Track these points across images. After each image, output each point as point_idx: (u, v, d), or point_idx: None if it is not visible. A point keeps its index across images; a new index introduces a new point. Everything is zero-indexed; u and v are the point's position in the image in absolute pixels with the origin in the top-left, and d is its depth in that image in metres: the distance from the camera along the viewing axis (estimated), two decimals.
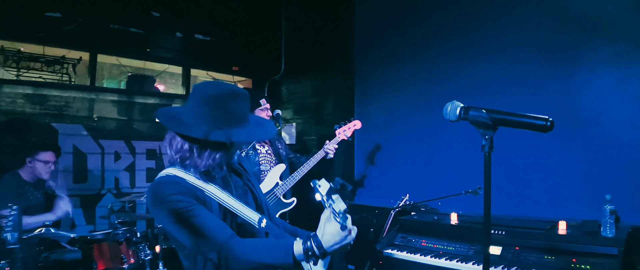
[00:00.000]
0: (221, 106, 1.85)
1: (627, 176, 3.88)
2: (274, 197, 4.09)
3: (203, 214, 1.83)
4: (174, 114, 1.96)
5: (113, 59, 5.98)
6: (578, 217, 3.80)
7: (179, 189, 1.84)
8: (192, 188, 1.87)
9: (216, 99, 1.85)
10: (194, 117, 1.84)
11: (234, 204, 1.93)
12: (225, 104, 1.86)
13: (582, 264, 3.31)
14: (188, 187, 1.86)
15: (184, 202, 1.82)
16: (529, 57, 4.40)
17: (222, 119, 1.84)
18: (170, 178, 1.89)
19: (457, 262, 3.68)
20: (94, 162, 5.24)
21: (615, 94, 3.99)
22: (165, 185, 1.86)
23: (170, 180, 1.88)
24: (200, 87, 1.92)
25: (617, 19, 3.98)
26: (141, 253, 4.30)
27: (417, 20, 5.23)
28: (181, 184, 1.86)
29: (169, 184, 1.86)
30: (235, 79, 6.75)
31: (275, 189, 4.10)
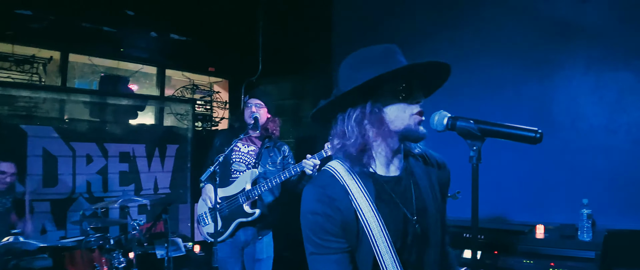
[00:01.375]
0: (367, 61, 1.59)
1: (603, 180, 3.95)
2: (237, 203, 3.90)
3: (321, 254, 1.51)
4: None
5: (85, 59, 5.83)
6: (556, 221, 3.85)
7: (322, 206, 1.50)
8: (340, 206, 1.50)
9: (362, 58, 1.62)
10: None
11: (379, 240, 1.49)
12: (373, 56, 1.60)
13: (560, 267, 3.36)
14: (330, 196, 1.51)
15: (317, 233, 1.50)
16: (507, 62, 4.44)
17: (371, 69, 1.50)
18: (319, 175, 1.62)
19: None
20: (64, 165, 5.09)
21: (591, 100, 4.06)
22: (311, 190, 1.55)
23: (319, 182, 1.58)
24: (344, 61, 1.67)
25: (594, 25, 4.04)
26: (114, 261, 4.18)
27: (395, 24, 5.23)
28: (331, 193, 1.51)
29: (311, 187, 1.56)
30: (212, 79, 6.66)
31: (239, 194, 3.91)
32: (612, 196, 3.89)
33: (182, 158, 5.94)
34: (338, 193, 1.51)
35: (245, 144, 4.07)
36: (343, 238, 1.50)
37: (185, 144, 5.98)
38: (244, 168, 3.98)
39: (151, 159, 5.70)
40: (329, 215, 1.49)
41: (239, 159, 4.01)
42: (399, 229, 1.55)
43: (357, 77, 1.50)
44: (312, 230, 1.51)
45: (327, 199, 1.50)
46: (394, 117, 1.54)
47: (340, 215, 1.49)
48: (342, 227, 1.49)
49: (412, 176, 1.65)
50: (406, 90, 1.55)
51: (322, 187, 1.54)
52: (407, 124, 1.55)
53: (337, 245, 1.50)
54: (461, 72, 4.65)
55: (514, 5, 4.42)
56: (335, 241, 1.50)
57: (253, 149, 4.06)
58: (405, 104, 1.54)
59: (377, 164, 1.60)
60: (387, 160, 1.61)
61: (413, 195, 1.60)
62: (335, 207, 1.49)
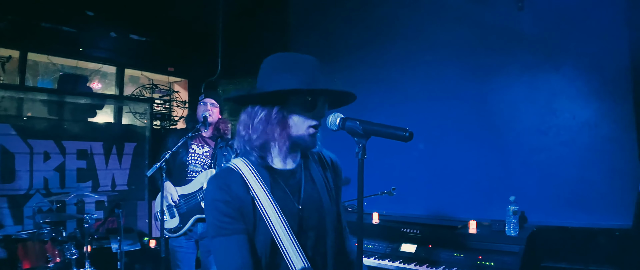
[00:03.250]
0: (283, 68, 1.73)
1: (535, 178, 4.16)
2: (194, 201, 4.05)
3: (223, 236, 1.64)
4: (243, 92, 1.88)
5: (44, 58, 5.88)
6: (490, 217, 4.05)
7: (221, 193, 1.66)
8: (235, 187, 1.67)
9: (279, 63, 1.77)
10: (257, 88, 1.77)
11: (277, 225, 1.66)
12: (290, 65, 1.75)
13: (486, 260, 3.55)
14: (230, 187, 1.66)
15: (217, 216, 1.64)
16: (450, 66, 4.63)
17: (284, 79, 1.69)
18: (223, 171, 1.75)
19: (374, 259, 3.87)
20: (22, 162, 5.15)
21: (524, 102, 4.27)
22: (213, 181, 1.71)
23: (220, 174, 1.73)
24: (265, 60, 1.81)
25: (529, 32, 4.25)
26: (67, 252, 4.29)
27: (348, 29, 5.41)
28: (230, 182, 1.68)
29: (216, 180, 1.71)
30: (171, 79, 6.74)
31: (197, 192, 4.07)
32: (542, 194, 4.12)
33: (139, 156, 6.02)
34: (236, 181, 1.68)
35: (200, 145, 4.20)
36: (241, 221, 1.65)
37: (143, 142, 6.07)
38: (199, 168, 4.12)
39: (109, 156, 5.78)
40: (227, 200, 1.64)
41: (194, 160, 4.15)
42: (294, 215, 1.73)
43: (271, 80, 1.71)
44: (214, 215, 1.66)
45: (225, 187, 1.66)
46: (294, 124, 1.73)
47: (238, 201, 1.65)
48: (239, 211, 1.65)
49: (306, 171, 1.86)
50: (311, 104, 1.73)
51: (222, 177, 1.71)
52: (302, 134, 1.74)
53: (236, 227, 1.64)
54: (405, 74, 4.87)
55: (455, 11, 4.61)
56: (234, 223, 1.64)
57: (208, 150, 4.19)
58: (306, 116, 1.73)
59: (274, 159, 1.79)
60: (284, 156, 1.80)
61: (302, 188, 1.80)
62: (234, 194, 1.65)
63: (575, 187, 4.01)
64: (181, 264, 4.11)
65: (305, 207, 1.77)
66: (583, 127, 4.04)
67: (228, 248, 1.64)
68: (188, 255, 4.15)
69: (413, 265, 3.69)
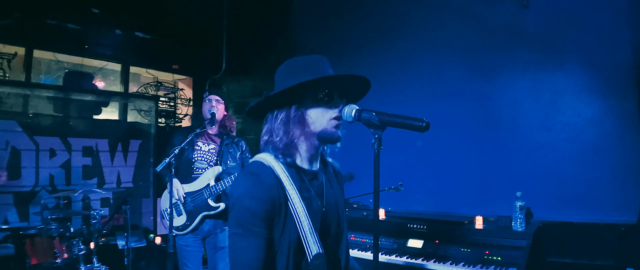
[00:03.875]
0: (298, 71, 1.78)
1: (540, 175, 4.19)
2: (201, 198, 4.07)
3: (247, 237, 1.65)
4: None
5: (50, 55, 5.89)
6: (495, 213, 4.06)
7: (255, 183, 1.67)
8: (272, 185, 1.69)
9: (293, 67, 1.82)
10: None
11: (302, 217, 1.70)
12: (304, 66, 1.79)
13: (493, 255, 3.57)
14: (268, 183, 1.68)
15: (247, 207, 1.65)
16: (453, 62, 4.67)
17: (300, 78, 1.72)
18: (252, 165, 1.77)
19: (381, 255, 3.88)
20: (28, 159, 5.17)
21: (528, 100, 4.30)
22: (244, 175, 1.73)
23: (251, 168, 1.75)
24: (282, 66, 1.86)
25: (533, 30, 4.28)
26: (75, 248, 4.31)
27: (352, 26, 5.44)
28: (262, 176, 1.69)
29: (248, 175, 1.72)
30: (176, 77, 6.75)
31: (204, 189, 4.08)
32: (547, 191, 4.15)
33: (144, 153, 6.03)
34: (271, 180, 1.69)
35: (206, 142, 4.21)
36: (268, 226, 1.67)
37: (148, 139, 6.08)
38: (205, 165, 4.13)
39: (114, 153, 5.79)
40: (263, 199, 1.65)
41: (200, 158, 4.16)
42: (318, 215, 1.78)
43: (285, 83, 1.74)
44: (242, 211, 1.66)
45: (261, 185, 1.67)
46: (314, 119, 1.76)
47: (272, 199, 1.66)
48: (271, 211, 1.66)
49: (325, 174, 1.92)
50: (327, 97, 1.77)
51: (255, 174, 1.70)
52: (324, 127, 1.77)
53: (261, 231, 1.65)
54: (409, 71, 4.89)
55: (460, 9, 4.64)
56: (260, 225, 1.65)
57: (213, 147, 4.20)
58: (324, 108, 1.77)
59: (300, 159, 1.81)
60: (309, 157, 1.82)
61: (324, 190, 1.85)
62: (267, 191, 1.66)
63: (580, 183, 4.05)
64: (188, 262, 4.13)
65: (328, 209, 1.83)
66: (587, 124, 4.07)
67: (248, 248, 1.65)
68: (195, 254, 4.17)
69: (420, 260, 3.71)
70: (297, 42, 5.97)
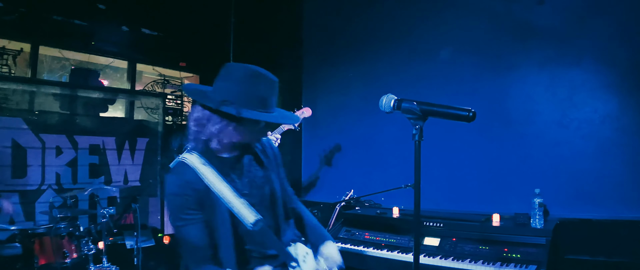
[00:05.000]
0: (243, 83, 1.87)
1: (556, 172, 4.14)
2: None
3: (187, 225, 1.90)
4: (200, 88, 2.07)
5: (56, 51, 5.82)
6: (511, 211, 4.01)
7: (178, 183, 1.90)
8: (192, 180, 1.90)
9: (242, 76, 1.89)
10: (214, 91, 1.91)
11: (230, 198, 1.91)
12: (249, 82, 1.88)
13: (513, 253, 3.53)
14: (187, 180, 1.89)
15: (177, 203, 1.90)
16: (467, 59, 4.62)
17: (242, 96, 1.85)
18: (176, 166, 1.96)
19: (397, 253, 3.83)
20: (34, 157, 5.08)
21: (544, 96, 4.24)
22: (170, 176, 1.95)
23: (175, 169, 1.96)
24: (231, 65, 1.97)
25: (548, 25, 4.23)
26: (84, 247, 4.25)
27: (363, 22, 5.39)
28: (183, 174, 1.90)
29: (172, 176, 1.94)
30: (182, 74, 6.69)
31: None
32: (565, 188, 4.09)
33: (152, 151, 5.96)
34: (191, 176, 1.90)
35: None
36: (200, 211, 1.92)
37: (156, 137, 6.01)
38: None
39: (121, 151, 5.72)
40: (187, 194, 1.89)
41: None
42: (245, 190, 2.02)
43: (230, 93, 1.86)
44: (177, 208, 1.91)
45: (184, 183, 1.90)
46: (243, 136, 1.97)
47: (196, 193, 1.90)
48: (198, 202, 1.90)
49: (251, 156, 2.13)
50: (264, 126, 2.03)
51: (179, 174, 1.93)
52: (250, 140, 2.06)
53: (197, 217, 1.91)
54: (422, 67, 4.85)
55: (474, 4, 4.59)
56: (195, 213, 1.91)
57: None
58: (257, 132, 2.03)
59: (223, 150, 2.01)
60: (230, 148, 2.02)
61: (245, 170, 2.07)
62: (191, 188, 1.89)
63: (597, 180, 3.99)
64: None
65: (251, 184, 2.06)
66: (604, 120, 4.02)
67: (193, 234, 1.91)
68: None
69: (438, 258, 3.66)
70: (307, 39, 5.91)
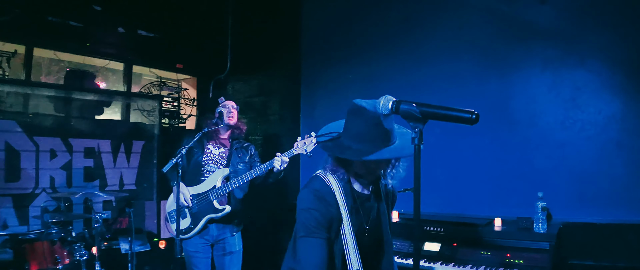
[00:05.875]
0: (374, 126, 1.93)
1: (559, 175, 4.07)
2: (207, 201, 3.97)
3: (314, 241, 2.04)
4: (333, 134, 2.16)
5: (51, 53, 5.74)
6: (514, 214, 3.96)
7: (319, 204, 2.06)
8: (330, 203, 2.07)
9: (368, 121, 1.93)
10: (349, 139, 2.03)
11: (348, 234, 2.08)
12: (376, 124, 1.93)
13: (515, 258, 3.46)
14: (327, 202, 2.07)
15: (311, 221, 2.04)
16: (469, 60, 4.56)
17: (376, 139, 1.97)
18: (316, 183, 2.13)
19: (397, 259, 3.76)
20: (27, 160, 4.99)
21: (548, 97, 4.19)
22: (312, 191, 2.10)
23: (319, 187, 2.11)
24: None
25: (551, 26, 4.18)
26: (76, 253, 4.17)
27: (362, 23, 5.33)
28: (327, 198, 2.08)
29: (315, 191, 2.09)
30: (180, 76, 6.61)
31: (210, 192, 3.98)
32: (568, 191, 4.03)
33: (148, 154, 5.88)
34: (330, 197, 2.09)
35: (216, 146, 4.18)
36: (328, 230, 2.07)
37: (152, 140, 5.92)
38: (215, 169, 4.10)
39: (117, 154, 5.63)
40: (323, 212, 2.05)
41: (210, 161, 4.12)
42: (363, 232, 2.19)
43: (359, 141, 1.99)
44: (308, 219, 2.05)
45: (322, 200, 2.07)
46: (362, 171, 2.17)
47: (330, 214, 2.06)
48: (329, 222, 2.06)
49: (377, 198, 2.28)
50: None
51: (318, 190, 2.10)
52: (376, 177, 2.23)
53: (324, 234, 2.06)
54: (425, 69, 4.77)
55: (476, 4, 4.53)
56: (323, 230, 2.05)
57: (224, 151, 4.19)
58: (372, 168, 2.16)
59: (356, 185, 2.22)
60: (360, 184, 2.22)
61: (372, 212, 2.24)
62: (328, 208, 2.06)
63: (601, 183, 3.93)
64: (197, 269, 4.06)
65: (371, 228, 2.22)
66: (609, 122, 3.95)
67: (315, 247, 2.03)
68: (204, 260, 4.11)
69: (439, 264, 3.59)
70: (305, 41, 5.84)
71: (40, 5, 5.11)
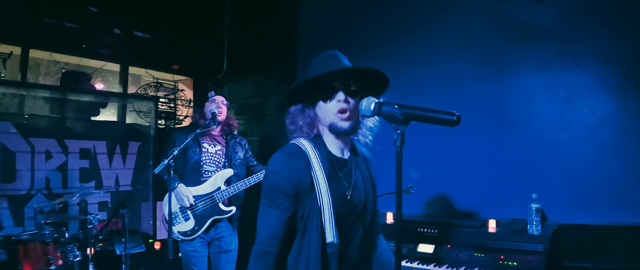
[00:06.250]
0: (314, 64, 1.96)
1: (555, 176, 4.04)
2: (211, 202, 3.97)
3: (270, 210, 1.89)
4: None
5: (47, 55, 5.75)
6: (509, 215, 3.92)
7: (284, 169, 1.89)
8: (301, 167, 1.89)
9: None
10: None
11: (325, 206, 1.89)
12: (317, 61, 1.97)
13: (509, 260, 3.43)
14: (298, 165, 1.89)
15: (272, 188, 1.89)
16: (465, 60, 4.52)
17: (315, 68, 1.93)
18: (290, 147, 1.98)
19: None
20: (23, 161, 5.00)
21: (543, 98, 4.15)
22: (281, 155, 1.94)
23: (290, 150, 1.96)
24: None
25: (548, 26, 4.14)
26: (70, 254, 4.17)
27: (358, 23, 5.30)
28: (295, 161, 1.90)
29: (284, 155, 1.94)
30: (176, 77, 6.61)
31: (214, 193, 3.97)
32: (563, 192, 3.99)
33: (144, 155, 5.88)
34: (301, 162, 1.90)
35: (212, 143, 4.16)
36: (292, 199, 1.88)
37: (148, 141, 5.93)
38: (214, 168, 4.09)
39: (112, 156, 5.64)
40: (287, 177, 1.87)
41: (209, 160, 4.10)
42: (339, 201, 1.94)
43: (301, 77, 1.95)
44: (269, 185, 1.90)
45: (290, 166, 1.89)
46: (323, 114, 1.95)
47: (298, 180, 1.87)
48: (295, 190, 1.87)
49: (355, 163, 2.09)
50: (328, 91, 1.92)
51: (289, 154, 1.93)
52: (331, 120, 1.93)
53: (284, 203, 1.87)
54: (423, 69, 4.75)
55: (473, 5, 4.51)
56: (283, 199, 1.87)
57: (220, 149, 4.16)
58: (328, 103, 1.92)
59: (332, 147, 2.01)
60: (337, 147, 2.02)
61: (352, 178, 2.02)
62: (295, 174, 1.87)
63: (596, 184, 3.88)
64: (195, 267, 4.06)
65: (353, 196, 1.99)
66: (604, 122, 3.92)
67: (271, 216, 1.88)
68: (201, 259, 4.12)
69: (432, 266, 3.57)
70: (301, 41, 5.83)
71: (37, 6, 5.11)
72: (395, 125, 1.61)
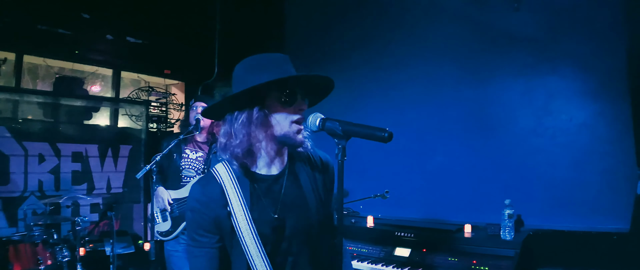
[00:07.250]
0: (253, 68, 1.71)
1: (532, 181, 4.10)
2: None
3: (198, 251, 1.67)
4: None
5: (40, 60, 5.86)
6: (485, 221, 3.98)
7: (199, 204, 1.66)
8: (214, 198, 1.66)
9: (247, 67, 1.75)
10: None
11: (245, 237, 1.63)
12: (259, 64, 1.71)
13: (481, 265, 3.49)
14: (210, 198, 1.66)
15: (193, 226, 1.68)
16: (445, 66, 4.59)
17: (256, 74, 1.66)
18: (205, 176, 1.75)
19: (367, 264, 3.81)
20: (16, 164, 5.12)
21: (521, 104, 4.21)
22: (195, 188, 1.71)
23: (202, 182, 1.73)
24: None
25: (526, 33, 4.20)
26: (58, 254, 4.27)
27: (344, 30, 5.40)
28: (209, 193, 1.67)
29: (197, 187, 1.71)
30: (167, 82, 6.70)
31: None
32: (540, 197, 4.06)
33: (135, 158, 5.99)
34: (215, 193, 1.66)
35: (194, 150, 4.20)
36: (216, 234, 1.67)
37: (139, 144, 6.04)
38: (193, 173, 4.13)
39: (104, 159, 5.75)
40: (202, 212, 1.65)
41: (188, 165, 4.15)
42: (268, 232, 1.67)
43: (246, 82, 1.65)
44: (190, 224, 1.69)
45: (204, 198, 1.66)
46: (276, 123, 1.68)
47: (213, 213, 1.65)
48: (214, 224, 1.65)
49: (292, 174, 1.79)
50: (289, 97, 1.68)
51: (202, 186, 1.70)
52: (286, 131, 1.69)
53: (208, 241, 1.66)
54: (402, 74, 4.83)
55: (452, 12, 4.58)
56: (207, 236, 1.66)
57: (201, 155, 4.19)
58: (286, 112, 1.69)
59: (260, 164, 1.73)
60: (269, 160, 1.74)
61: (282, 193, 1.73)
62: (210, 206, 1.65)
63: (572, 190, 3.96)
64: (176, 267, 4.13)
65: (284, 216, 1.71)
66: (580, 129, 3.99)
67: (199, 259, 1.67)
68: (183, 259, 4.16)
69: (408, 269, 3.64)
70: (290, 45, 5.91)
71: (30, 13, 5.22)
72: (338, 140, 1.66)
